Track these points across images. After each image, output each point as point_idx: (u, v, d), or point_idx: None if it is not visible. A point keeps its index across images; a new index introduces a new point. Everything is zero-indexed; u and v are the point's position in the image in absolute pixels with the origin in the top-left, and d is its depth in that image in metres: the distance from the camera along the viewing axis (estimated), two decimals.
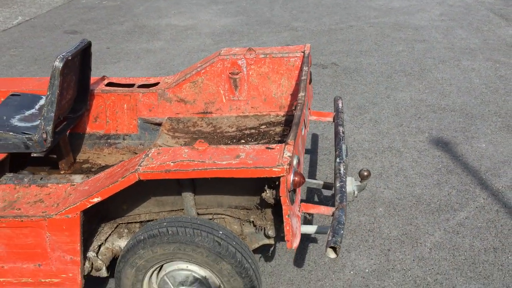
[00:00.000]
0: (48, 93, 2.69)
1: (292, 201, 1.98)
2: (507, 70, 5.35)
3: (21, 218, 2.02)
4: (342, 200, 2.24)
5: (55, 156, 3.27)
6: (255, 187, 2.20)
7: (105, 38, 7.02)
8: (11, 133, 2.81)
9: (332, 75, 5.39)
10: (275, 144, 1.99)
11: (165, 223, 2.03)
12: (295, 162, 1.97)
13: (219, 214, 2.29)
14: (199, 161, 1.90)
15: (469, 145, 3.88)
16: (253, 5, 8.78)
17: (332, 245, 1.95)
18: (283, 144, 1.98)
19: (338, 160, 2.59)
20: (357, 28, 7.16)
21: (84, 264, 2.14)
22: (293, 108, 3.08)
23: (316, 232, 2.30)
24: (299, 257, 2.79)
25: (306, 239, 2.92)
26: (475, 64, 5.58)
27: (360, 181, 2.67)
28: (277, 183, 1.98)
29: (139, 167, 1.92)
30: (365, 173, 2.63)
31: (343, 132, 2.89)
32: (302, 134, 2.61)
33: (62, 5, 8.97)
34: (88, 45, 3.05)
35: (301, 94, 2.47)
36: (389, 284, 2.58)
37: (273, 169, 1.83)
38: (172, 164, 1.90)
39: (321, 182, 2.89)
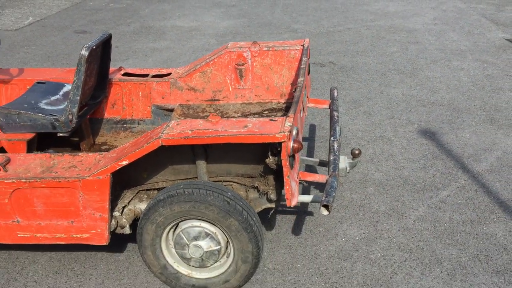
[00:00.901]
0: (74, 78, 3.02)
1: (291, 166, 2.31)
2: (494, 69, 5.70)
3: (59, 179, 2.35)
4: (335, 170, 2.58)
5: (77, 139, 3.60)
6: (259, 157, 2.53)
7: (113, 37, 7.36)
8: (40, 114, 3.14)
9: (329, 73, 5.73)
10: (278, 117, 2.33)
11: (182, 186, 2.36)
12: (294, 132, 2.31)
13: (227, 181, 2.62)
14: (213, 129, 2.24)
15: (454, 135, 4.22)
16: (254, 8, 9.15)
17: (325, 203, 2.29)
18: (285, 116, 2.32)
19: (332, 138, 2.92)
20: (354, 30, 7.52)
21: (110, 222, 2.47)
22: (293, 91, 3.41)
23: (312, 201, 2.62)
24: (297, 227, 3.12)
25: (303, 212, 3.26)
26: (464, 64, 5.93)
27: (352, 159, 3.01)
28: (278, 149, 2.31)
29: (162, 134, 2.25)
30: (356, 152, 2.97)
31: (337, 116, 3.23)
32: (301, 116, 2.95)
33: (70, 7, 9.32)
34: (109, 37, 3.39)
35: (300, 79, 2.81)
36: (376, 249, 2.91)
37: (276, 136, 2.16)
38: (190, 132, 2.24)
39: (317, 160, 3.22)
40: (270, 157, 2.35)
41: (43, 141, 3.43)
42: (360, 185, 3.53)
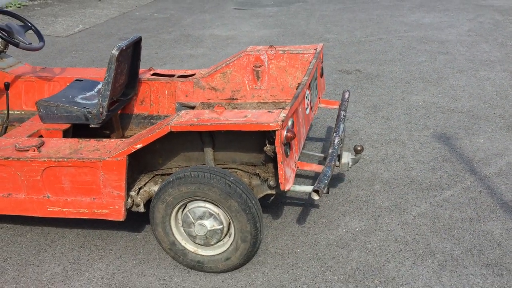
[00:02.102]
0: (106, 75, 3.37)
1: (286, 154, 2.55)
2: None
3: (83, 159, 2.69)
4: (331, 161, 2.81)
5: (107, 132, 3.96)
6: (261, 147, 2.78)
7: (154, 45, 7.81)
8: (75, 107, 3.52)
9: (354, 80, 5.92)
10: (275, 110, 2.58)
11: (189, 170, 2.64)
12: (290, 123, 2.55)
13: (233, 168, 2.88)
14: (216, 117, 2.52)
15: (468, 140, 4.33)
16: (290, 19, 9.43)
17: (315, 188, 2.52)
18: (281, 109, 2.57)
19: (334, 134, 3.15)
20: (385, 40, 7.67)
21: (127, 200, 2.77)
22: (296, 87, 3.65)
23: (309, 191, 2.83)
24: (301, 217, 3.34)
25: (310, 204, 3.47)
26: (491, 74, 5.99)
27: (355, 155, 3.22)
28: (273, 138, 2.56)
29: (171, 121, 2.55)
30: (359, 148, 3.18)
31: (344, 116, 3.45)
32: (306, 113, 3.19)
33: (117, 16, 9.89)
34: (139, 40, 3.74)
35: (304, 78, 3.05)
36: (373, 240, 3.10)
37: (270, 124, 2.41)
38: (196, 120, 2.52)
39: (322, 155, 3.44)
40: (268, 145, 2.60)
41: (78, 133, 3.80)
42: (367, 183, 3.72)
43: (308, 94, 3.25)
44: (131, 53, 3.72)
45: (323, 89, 3.95)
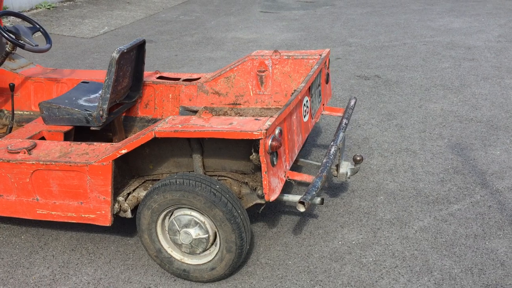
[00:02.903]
0: (106, 78, 3.36)
1: (272, 163, 2.47)
2: None
3: (70, 163, 2.67)
4: (323, 171, 2.71)
5: (110, 134, 3.96)
6: (250, 155, 2.70)
7: (175, 47, 7.84)
8: (76, 109, 3.52)
9: (372, 86, 5.77)
10: (263, 117, 2.50)
11: (175, 176, 2.59)
12: (277, 131, 2.47)
13: (223, 176, 2.82)
14: (200, 125, 2.46)
15: (484, 151, 4.14)
16: (316, 22, 9.31)
17: (301, 200, 2.43)
18: (268, 117, 2.49)
19: (332, 143, 3.04)
20: (410, 45, 7.47)
21: (114, 205, 2.74)
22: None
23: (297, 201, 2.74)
24: (298, 228, 3.24)
25: (308, 214, 3.37)
26: None
27: (354, 165, 3.11)
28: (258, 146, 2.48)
29: (156, 127, 2.50)
30: (358, 158, 3.07)
31: (345, 124, 3.33)
32: (304, 120, 3.09)
33: (143, 18, 9.99)
34: (143, 43, 3.72)
35: (301, 85, 2.96)
36: (370, 254, 2.98)
37: (254, 133, 2.34)
38: (180, 126, 2.47)
39: (320, 163, 3.33)
40: (254, 153, 2.52)
41: (81, 135, 3.81)
42: (371, 194, 3.59)
43: (307, 101, 3.15)
44: (135, 56, 3.70)
45: (329, 95, 3.84)
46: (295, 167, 3.70)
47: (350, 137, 4.50)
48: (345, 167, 3.14)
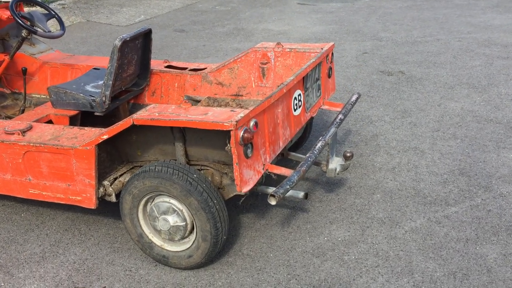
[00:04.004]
0: (108, 65, 3.45)
1: (246, 155, 2.48)
2: None
3: (57, 146, 2.77)
4: (302, 166, 2.69)
5: (115, 120, 4.06)
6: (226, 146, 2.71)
7: (205, 37, 7.91)
8: (81, 94, 3.63)
9: (393, 82, 5.64)
10: (238, 109, 2.50)
11: (155, 164, 2.64)
12: (251, 123, 2.47)
13: (205, 166, 2.85)
14: (175, 114, 2.49)
15: (496, 153, 3.98)
16: (351, 15, 9.16)
17: (272, 193, 2.43)
18: (244, 109, 2.49)
19: (320, 138, 3.01)
20: (443, 41, 7.23)
21: (99, 189, 2.83)
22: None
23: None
24: (286, 221, 3.24)
25: (300, 208, 3.36)
26: None
27: (344, 161, 3.07)
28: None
29: (135, 115, 2.55)
30: (348, 154, 3.03)
31: (340, 120, 3.29)
32: (294, 114, 3.07)
33: (180, 8, 10.13)
34: (149, 32, 3.78)
35: (290, 78, 2.94)
36: (353, 251, 2.94)
37: (224, 124, 2.35)
38: (157, 114, 2.51)
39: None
40: (228, 145, 2.53)
41: (88, 120, 3.93)
42: (368, 191, 3.53)
43: (300, 95, 3.13)
44: (141, 45, 3.77)
45: (332, 90, 3.79)
46: (285, 161, 3.67)
47: (359, 133, 4.43)
48: (335, 163, 3.10)
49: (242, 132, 2.39)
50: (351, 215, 3.28)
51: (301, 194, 2.90)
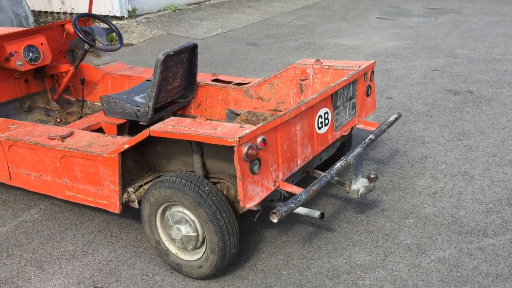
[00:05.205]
0: (152, 78, 3.63)
1: (252, 171, 2.50)
2: None
3: (87, 152, 2.96)
4: (314, 185, 2.66)
5: None
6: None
7: (275, 50, 8.01)
8: (128, 104, 3.85)
9: (458, 102, 5.36)
10: (247, 125, 2.53)
11: (171, 175, 2.74)
12: (258, 140, 2.49)
13: (222, 179, 2.90)
14: (187, 128, 2.57)
15: None
16: (431, 31, 8.83)
17: (274, 211, 2.43)
18: (252, 125, 2.52)
19: (343, 157, 2.95)
20: None
21: (123, 195, 2.98)
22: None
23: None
24: (309, 239, 3.20)
25: (324, 227, 3.30)
26: None
27: (368, 183, 2.99)
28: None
29: (152, 127, 2.67)
30: (372, 176, 2.96)
31: (370, 140, 3.20)
32: (318, 132, 3.04)
33: (257, 22, 10.33)
34: (194, 47, 3.92)
35: (312, 96, 2.91)
36: (369, 277, 2.83)
37: (228, 140, 2.39)
38: (170, 127, 2.61)
39: (336, 178, 3.23)
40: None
41: (136, 129, 4.14)
42: (401, 215, 3.39)
43: (327, 113, 3.09)
44: (187, 59, 3.92)
45: (372, 109, 3.69)
46: (310, 179, 3.59)
47: (407, 154, 4.26)
48: (359, 184, 3.03)
49: (247, 148, 2.42)
50: (377, 238, 3.17)
51: (317, 214, 2.85)
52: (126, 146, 2.79)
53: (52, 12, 10.86)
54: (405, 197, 3.61)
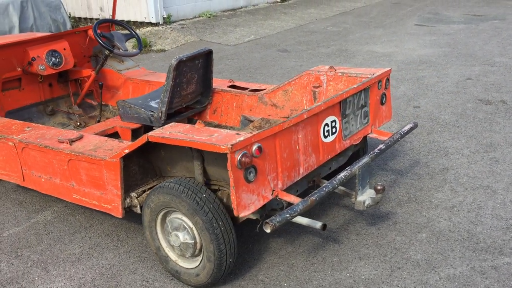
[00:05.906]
0: (165, 83, 3.64)
1: (246, 179, 2.44)
2: None
3: (91, 156, 2.98)
4: (313, 196, 2.58)
5: None
6: None
7: (306, 57, 7.92)
8: (143, 109, 3.87)
9: (489, 112, 5.13)
10: (243, 133, 2.48)
11: (170, 181, 2.72)
12: (253, 148, 2.43)
13: (222, 186, 2.85)
14: (183, 134, 2.54)
15: None
16: (469, 38, 8.54)
17: (268, 221, 2.36)
18: (248, 133, 2.46)
19: (348, 167, 2.85)
20: None
21: (125, 199, 2.98)
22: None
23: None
24: (314, 251, 3.10)
25: (331, 238, 3.20)
26: None
27: (375, 195, 2.89)
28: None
29: (151, 132, 2.66)
30: (379, 187, 2.85)
31: (380, 150, 3.09)
32: (324, 141, 2.95)
33: (291, 29, 10.27)
34: (209, 52, 3.91)
35: (316, 104, 2.83)
36: None
37: (221, 147, 2.35)
38: (168, 133, 2.59)
39: (343, 189, 3.13)
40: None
41: None
42: (414, 229, 3.25)
43: (334, 121, 3.00)
44: (202, 65, 3.91)
45: (386, 117, 3.57)
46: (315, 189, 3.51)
47: (428, 165, 4.10)
48: (365, 196, 2.92)
49: (240, 156, 2.37)
50: (385, 252, 3.05)
51: (318, 225, 2.76)
52: (127, 151, 2.79)
53: (91, 19, 11.16)
54: (420, 210, 3.46)
